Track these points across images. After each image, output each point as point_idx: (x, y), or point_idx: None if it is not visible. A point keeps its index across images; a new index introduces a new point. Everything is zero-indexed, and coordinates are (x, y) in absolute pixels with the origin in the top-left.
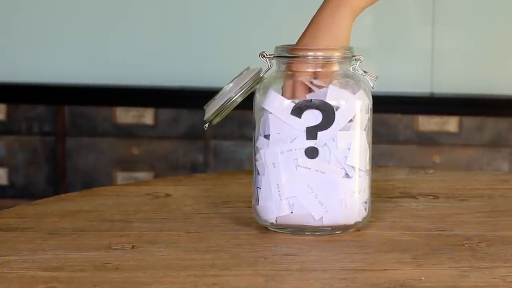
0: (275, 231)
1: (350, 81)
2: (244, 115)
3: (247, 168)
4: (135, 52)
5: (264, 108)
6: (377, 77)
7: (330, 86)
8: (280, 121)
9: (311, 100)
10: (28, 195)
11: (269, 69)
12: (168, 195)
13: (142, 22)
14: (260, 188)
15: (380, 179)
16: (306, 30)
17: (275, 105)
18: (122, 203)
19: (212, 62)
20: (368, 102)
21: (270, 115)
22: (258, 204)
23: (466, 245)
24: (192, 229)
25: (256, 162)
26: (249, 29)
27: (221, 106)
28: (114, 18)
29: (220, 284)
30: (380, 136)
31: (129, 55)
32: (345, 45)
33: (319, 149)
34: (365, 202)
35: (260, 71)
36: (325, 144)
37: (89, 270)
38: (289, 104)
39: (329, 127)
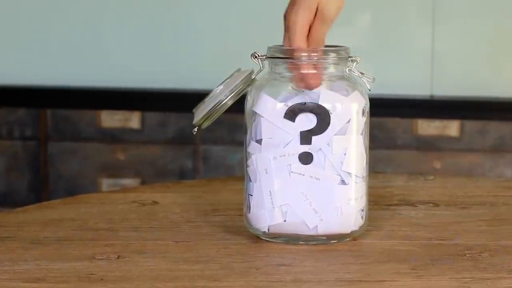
0: (267, 240)
1: (346, 83)
2: (235, 119)
3: (238, 174)
4: (121, 53)
5: (255, 112)
6: (374, 79)
7: (322, 88)
8: (272, 125)
9: (305, 103)
10: (9, 202)
11: (261, 70)
12: (155, 202)
13: (127, 22)
14: (251, 195)
15: (377, 186)
16: None
17: (267, 109)
18: (107, 211)
19: (202, 63)
20: (364, 105)
21: (262, 119)
22: (249, 212)
23: (467, 255)
24: (180, 238)
25: (248, 168)
26: (240, 28)
27: (210, 109)
28: (98, 18)
29: None
30: (377, 141)
31: (114, 56)
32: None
33: (313, 154)
34: (362, 210)
35: (251, 72)
36: (320, 149)
37: (73, 281)
38: (282, 107)
39: (324, 131)
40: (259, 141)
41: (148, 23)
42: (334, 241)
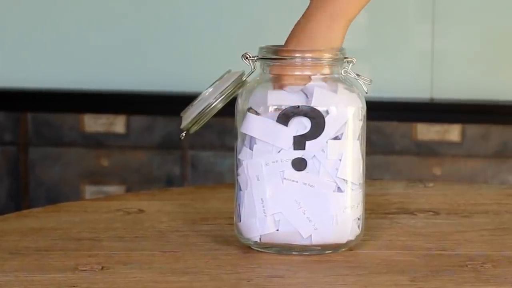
0: (259, 251)
1: (341, 85)
2: (225, 123)
3: (228, 181)
4: (105, 54)
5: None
6: (371, 81)
7: (316, 88)
8: (265, 134)
9: (298, 106)
10: None
11: (252, 72)
12: (141, 211)
13: (112, 21)
14: (242, 203)
15: (374, 194)
16: (293, 38)
17: (255, 128)
18: (90, 220)
19: (190, 64)
20: (361, 108)
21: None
22: (240, 221)
23: (469, 266)
24: (167, 248)
25: (238, 177)
26: (231, 28)
27: (199, 113)
28: (81, 17)
29: None
30: (374, 146)
31: (97, 57)
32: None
33: (307, 160)
34: (358, 219)
35: (242, 74)
36: (314, 155)
37: None
38: (272, 123)
39: (318, 136)
40: (252, 148)
41: (134, 23)
42: (329, 251)
